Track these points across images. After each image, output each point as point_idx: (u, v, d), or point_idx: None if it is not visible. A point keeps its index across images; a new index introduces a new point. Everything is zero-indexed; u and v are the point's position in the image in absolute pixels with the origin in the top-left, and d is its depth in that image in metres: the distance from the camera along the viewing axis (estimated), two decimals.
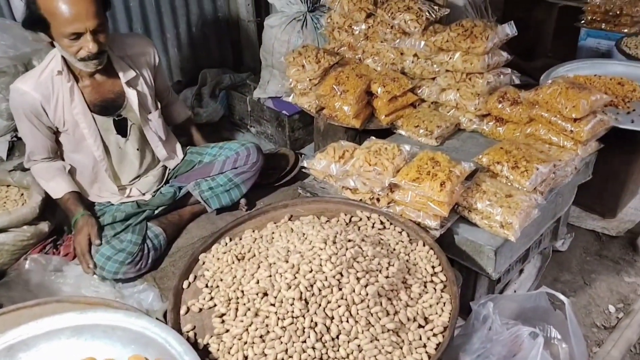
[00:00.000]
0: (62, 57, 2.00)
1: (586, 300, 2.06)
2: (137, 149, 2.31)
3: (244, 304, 1.38)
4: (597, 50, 3.44)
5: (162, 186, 2.45)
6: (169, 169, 2.49)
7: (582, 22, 3.50)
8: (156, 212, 2.32)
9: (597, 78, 2.44)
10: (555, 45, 4.48)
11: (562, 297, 1.42)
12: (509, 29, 2.15)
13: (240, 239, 1.67)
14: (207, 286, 1.50)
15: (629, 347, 1.89)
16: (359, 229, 1.66)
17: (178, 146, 2.52)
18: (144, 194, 2.38)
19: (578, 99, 1.83)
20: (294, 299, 1.30)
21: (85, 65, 1.96)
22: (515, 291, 1.95)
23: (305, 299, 1.31)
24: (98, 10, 1.85)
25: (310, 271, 1.34)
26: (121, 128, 2.22)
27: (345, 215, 1.74)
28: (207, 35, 3.62)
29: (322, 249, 1.39)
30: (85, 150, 2.19)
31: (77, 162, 2.23)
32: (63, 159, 2.26)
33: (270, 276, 1.39)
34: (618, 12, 3.29)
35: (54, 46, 1.98)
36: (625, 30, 3.27)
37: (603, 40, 3.40)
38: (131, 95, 2.18)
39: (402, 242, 1.59)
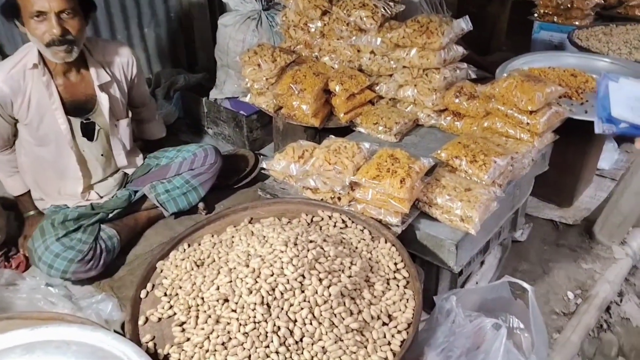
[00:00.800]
0: (39, 51, 1.98)
1: (545, 289, 2.10)
2: (102, 155, 2.28)
3: (205, 311, 1.34)
4: (550, 43, 3.54)
5: (120, 189, 2.39)
6: (129, 174, 2.43)
7: (535, 15, 3.59)
8: (110, 215, 2.27)
9: (551, 70, 2.49)
10: (510, 39, 4.58)
11: (525, 285, 1.44)
12: (464, 24, 2.17)
13: (199, 245, 1.62)
14: (165, 295, 1.45)
15: (587, 332, 1.95)
16: (320, 229, 1.64)
17: (140, 156, 2.49)
18: (102, 197, 2.33)
19: (533, 91, 1.86)
20: (255, 303, 1.27)
21: (53, 54, 1.94)
22: (477, 283, 1.97)
23: (267, 303, 1.27)
24: None
25: (272, 275, 1.31)
26: (88, 132, 2.19)
27: (307, 215, 1.71)
28: (160, 35, 3.54)
29: (283, 252, 1.36)
30: (50, 145, 2.15)
31: (41, 157, 2.19)
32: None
33: (231, 282, 1.35)
34: (569, 6, 3.39)
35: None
36: (577, 23, 3.37)
37: (555, 32, 3.50)
38: (103, 99, 2.16)
39: (364, 240, 1.58)
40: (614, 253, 2.25)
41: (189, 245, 1.62)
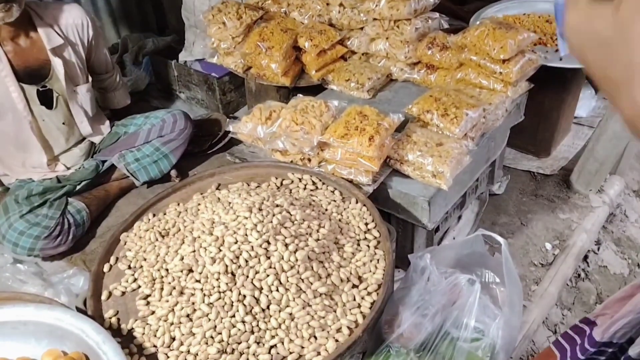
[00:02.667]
0: None
1: (523, 241, 2.09)
2: (63, 123, 2.19)
3: (169, 283, 1.30)
4: None
5: (87, 159, 2.32)
6: (96, 144, 2.35)
7: None
8: (78, 187, 2.20)
9: (525, 17, 2.41)
10: None
11: (498, 238, 1.41)
12: None
13: (164, 214, 1.57)
14: (129, 267, 1.41)
15: (565, 282, 1.95)
16: (290, 192, 1.59)
17: (106, 124, 2.39)
18: (68, 168, 2.26)
19: (505, 39, 1.79)
20: (219, 273, 1.23)
21: None
22: (454, 238, 1.95)
23: (232, 272, 1.24)
24: None
25: (235, 242, 1.27)
26: (47, 99, 2.10)
27: (277, 179, 1.66)
28: None
29: (246, 218, 1.31)
30: (6, 117, 2.06)
31: (0, 130, 2.09)
32: None
33: (194, 251, 1.31)
34: None
35: None
36: None
37: None
38: (57, 64, 2.07)
39: (335, 201, 1.53)
40: (591, 201, 2.23)
41: (153, 215, 1.57)
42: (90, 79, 2.26)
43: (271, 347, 1.17)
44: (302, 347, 1.16)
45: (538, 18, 2.36)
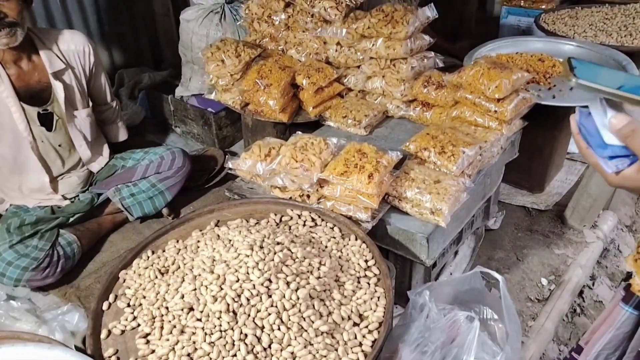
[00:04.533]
0: None
1: (520, 276, 2.10)
2: (60, 145, 2.21)
3: (169, 322, 1.29)
4: (518, 28, 3.55)
5: (85, 190, 2.31)
6: (93, 174, 2.36)
7: (502, 0, 3.58)
8: (71, 219, 2.21)
9: (518, 56, 2.47)
10: (479, 25, 4.58)
11: (496, 275, 1.42)
12: (429, 12, 2.14)
13: (164, 251, 1.57)
14: (129, 305, 1.39)
15: (561, 317, 1.95)
16: (289, 229, 1.60)
17: (105, 148, 2.41)
18: (65, 199, 2.27)
19: (500, 78, 1.84)
20: (220, 311, 1.22)
21: None
22: (451, 274, 1.95)
23: (233, 311, 1.23)
24: None
25: (237, 280, 1.27)
26: (47, 121, 2.14)
27: (275, 215, 1.67)
28: (122, 33, 3.43)
29: (248, 256, 1.32)
30: (6, 139, 2.08)
31: (7, 154, 2.12)
32: None
33: (195, 289, 1.30)
34: None
35: None
36: (543, 7, 3.38)
37: (523, 17, 3.50)
38: (58, 87, 2.12)
39: (334, 238, 1.54)
40: (586, 237, 2.26)
41: (153, 252, 1.57)
42: (90, 103, 2.30)
43: None
44: None
45: (530, 57, 2.42)
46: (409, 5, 2.22)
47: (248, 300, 1.23)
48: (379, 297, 1.34)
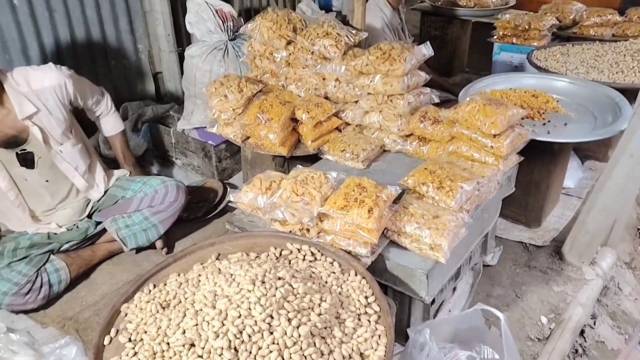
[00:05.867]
0: None
1: (519, 314, 2.08)
2: (47, 181, 2.21)
3: (170, 358, 1.28)
4: (511, 64, 3.62)
5: (83, 219, 2.33)
6: (93, 201, 2.37)
7: (495, 37, 3.68)
8: (65, 246, 2.23)
9: (512, 92, 2.54)
10: (472, 60, 4.69)
11: (498, 313, 1.42)
12: (425, 50, 2.20)
13: (165, 285, 1.57)
14: (130, 340, 1.39)
15: (563, 358, 1.93)
16: (289, 263, 1.61)
17: (100, 174, 2.41)
18: (60, 227, 2.28)
19: (496, 115, 1.88)
20: (222, 348, 1.22)
21: None
22: (450, 310, 1.95)
23: (235, 347, 1.23)
24: None
25: (239, 316, 1.27)
26: (27, 161, 2.13)
27: (275, 249, 1.68)
28: (127, 67, 3.50)
29: (250, 291, 1.32)
30: None
31: None
32: None
33: (197, 325, 1.31)
34: (527, 27, 3.48)
35: None
36: (535, 44, 3.46)
37: (515, 53, 3.59)
38: (34, 130, 2.09)
39: (334, 273, 1.55)
40: (585, 274, 2.25)
41: (154, 286, 1.57)
42: (73, 133, 2.27)
43: None
44: None
45: (524, 93, 2.48)
46: (406, 43, 2.27)
47: (250, 336, 1.24)
48: (379, 336, 1.34)
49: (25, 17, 2.95)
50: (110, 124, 2.52)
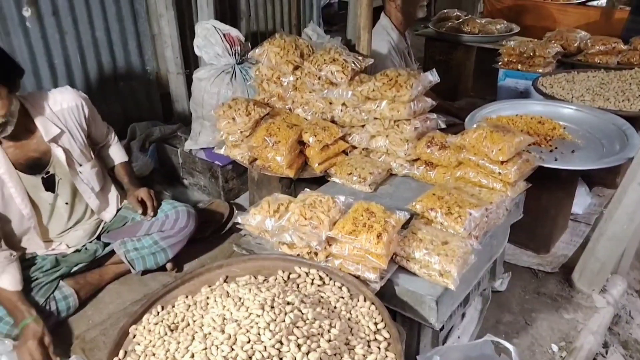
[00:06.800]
0: None
1: (529, 341, 2.06)
2: (66, 203, 2.24)
3: None
4: (516, 90, 3.65)
5: (92, 241, 2.33)
6: (103, 222, 2.37)
7: (500, 63, 3.71)
8: (74, 269, 2.23)
9: (518, 118, 2.55)
10: (477, 84, 4.73)
11: (508, 345, 1.41)
12: (431, 76, 2.22)
13: (173, 307, 1.57)
14: None
15: None
16: (297, 287, 1.60)
17: (113, 195, 2.44)
18: (70, 248, 2.28)
19: (503, 142, 1.89)
20: None
21: None
22: (459, 337, 1.93)
23: None
24: None
25: (248, 341, 1.26)
26: (49, 184, 2.16)
27: (283, 272, 1.67)
28: (136, 88, 3.54)
29: (259, 316, 1.32)
30: (13, 208, 2.09)
31: (5, 218, 2.12)
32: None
33: (206, 349, 1.29)
34: (532, 54, 3.52)
35: None
36: (540, 71, 3.49)
37: (520, 80, 3.62)
38: (57, 151, 2.13)
39: (343, 298, 1.54)
40: (595, 302, 2.22)
41: (162, 308, 1.56)
42: (92, 155, 2.32)
43: None
44: None
45: (530, 119, 2.49)
46: (412, 69, 2.30)
47: None
48: None
49: (37, 39, 3.00)
50: (117, 152, 2.56)
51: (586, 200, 2.80)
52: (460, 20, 4.48)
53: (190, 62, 3.70)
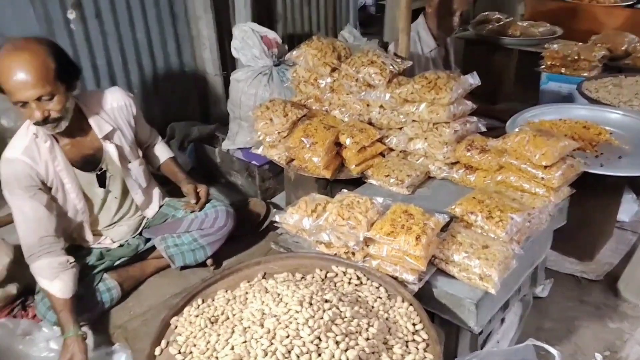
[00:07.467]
0: None
1: (572, 349, 2.01)
2: (116, 198, 2.33)
3: None
4: (559, 94, 3.55)
5: (134, 236, 2.41)
6: (146, 219, 2.44)
7: (542, 67, 3.63)
8: (117, 262, 2.31)
9: (562, 122, 2.48)
10: (517, 88, 4.63)
11: (552, 350, 1.37)
12: (472, 80, 2.19)
13: (213, 300, 1.60)
14: (180, 352, 1.41)
15: None
16: (335, 285, 1.60)
17: (156, 192, 2.51)
18: (114, 242, 2.37)
19: (547, 146, 1.85)
20: None
21: (43, 129, 1.98)
22: (498, 342, 1.90)
23: None
24: (41, 80, 1.84)
25: (287, 336, 1.28)
26: (102, 181, 2.25)
27: (321, 270, 1.68)
28: (175, 89, 3.63)
29: (298, 312, 1.33)
30: (69, 203, 2.19)
31: (63, 212, 2.22)
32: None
33: (246, 342, 1.32)
34: (576, 57, 3.42)
35: None
36: (585, 74, 3.39)
37: (564, 83, 3.52)
38: (110, 148, 2.21)
39: (381, 298, 1.54)
40: None
41: (202, 301, 1.60)
42: (140, 153, 2.40)
43: None
44: None
45: (575, 124, 2.43)
46: (452, 72, 2.27)
47: (298, 357, 1.23)
48: None
49: (81, 41, 3.12)
50: (163, 150, 2.62)
51: (633, 207, 2.71)
52: (501, 22, 4.40)
53: (228, 63, 3.76)
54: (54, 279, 2.01)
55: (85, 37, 3.13)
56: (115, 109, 2.25)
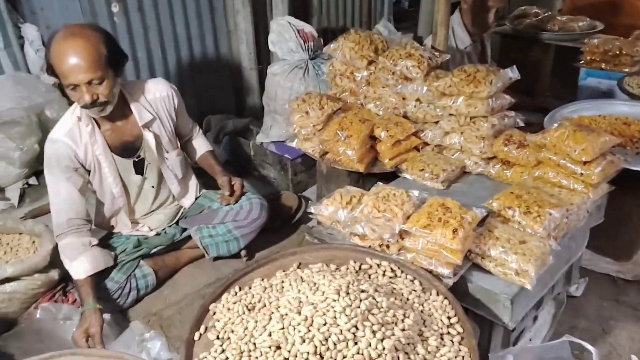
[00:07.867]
0: None
1: (607, 349, 1.98)
2: (152, 186, 2.39)
3: (257, 357, 1.33)
4: (598, 90, 3.46)
5: (171, 225, 2.47)
6: (183, 208, 2.50)
7: (581, 62, 3.54)
8: (153, 250, 2.37)
9: (602, 118, 2.43)
10: (554, 84, 4.53)
11: (588, 346, 1.36)
12: (511, 73, 2.17)
13: (250, 288, 1.64)
14: (218, 338, 1.46)
15: None
16: (369, 277, 1.62)
17: (193, 183, 2.57)
18: (152, 230, 2.44)
19: (586, 141, 1.82)
20: (308, 353, 1.25)
21: (90, 112, 2.06)
22: (530, 339, 1.89)
23: (320, 354, 1.26)
24: (93, 65, 1.93)
25: (325, 324, 1.30)
26: (139, 168, 2.31)
27: (355, 262, 1.70)
28: (211, 82, 3.69)
29: (335, 300, 1.35)
30: (106, 187, 2.27)
31: (101, 196, 2.31)
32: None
33: (283, 328, 1.35)
34: (617, 52, 3.33)
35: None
36: (626, 70, 3.29)
37: (604, 79, 3.43)
38: (148, 137, 2.27)
39: (415, 291, 1.55)
40: None
41: (240, 289, 1.64)
42: (179, 144, 2.46)
43: None
44: None
45: (615, 120, 2.38)
46: (490, 66, 2.25)
47: (335, 344, 1.26)
48: (463, 357, 1.32)
49: (123, 33, 3.20)
50: (202, 143, 2.68)
51: None
52: (539, 17, 4.31)
53: (262, 57, 3.80)
54: (74, 260, 2.10)
55: (127, 29, 3.22)
56: (157, 99, 2.31)
